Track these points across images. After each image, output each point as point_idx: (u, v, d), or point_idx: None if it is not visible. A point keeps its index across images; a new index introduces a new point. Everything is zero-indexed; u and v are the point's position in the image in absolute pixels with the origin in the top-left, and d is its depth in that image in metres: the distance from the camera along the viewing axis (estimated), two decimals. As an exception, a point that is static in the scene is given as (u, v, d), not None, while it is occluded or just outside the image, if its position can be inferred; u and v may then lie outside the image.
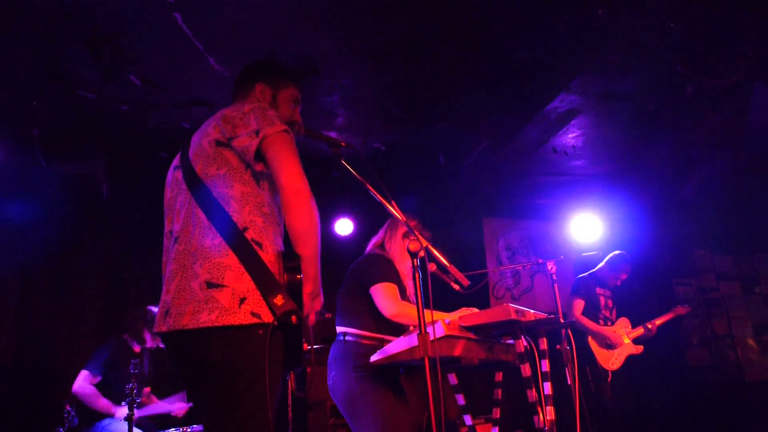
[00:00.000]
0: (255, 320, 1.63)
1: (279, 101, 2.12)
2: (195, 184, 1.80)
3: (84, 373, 3.99)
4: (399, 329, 2.84)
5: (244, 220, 1.73)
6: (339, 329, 2.92)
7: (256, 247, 1.70)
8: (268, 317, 1.64)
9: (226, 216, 1.72)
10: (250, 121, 1.81)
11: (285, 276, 1.69)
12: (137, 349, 4.24)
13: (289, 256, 1.73)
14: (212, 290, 1.64)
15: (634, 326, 5.02)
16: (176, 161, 1.98)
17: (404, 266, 3.03)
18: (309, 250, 1.74)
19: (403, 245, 3.06)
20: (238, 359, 1.61)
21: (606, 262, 5.08)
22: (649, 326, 5.00)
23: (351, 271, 3.03)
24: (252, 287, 1.66)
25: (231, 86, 2.20)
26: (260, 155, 1.79)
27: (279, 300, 1.64)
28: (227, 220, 1.71)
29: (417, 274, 2.07)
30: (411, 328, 3.03)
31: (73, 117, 4.50)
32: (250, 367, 1.61)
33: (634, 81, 4.39)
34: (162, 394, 4.40)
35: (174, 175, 1.95)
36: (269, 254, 1.73)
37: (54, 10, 3.35)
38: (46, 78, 3.98)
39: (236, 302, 1.63)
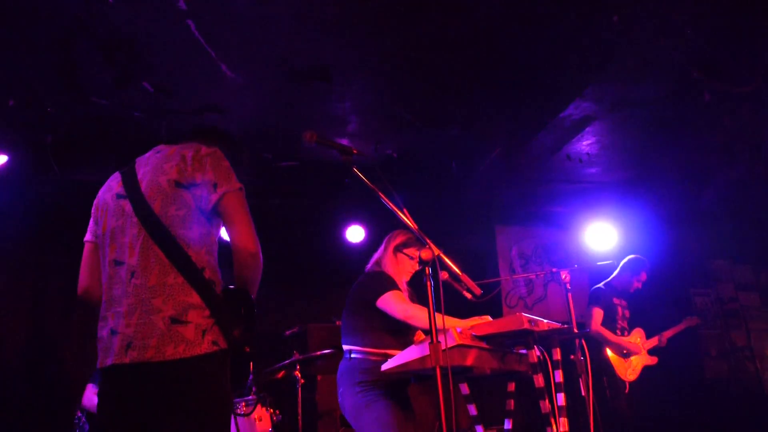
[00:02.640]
0: (215, 348, 1.81)
1: None
2: (153, 223, 1.87)
3: (89, 386, 4.00)
4: (404, 344, 2.84)
5: (202, 261, 1.87)
6: (345, 347, 2.96)
7: (212, 286, 1.86)
8: (224, 344, 1.83)
9: (187, 257, 1.84)
10: (206, 168, 1.92)
11: (243, 310, 1.88)
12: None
13: (245, 295, 1.90)
14: (177, 326, 1.77)
15: (648, 337, 4.99)
16: (118, 188, 1.99)
17: (399, 281, 3.05)
18: (255, 293, 1.95)
19: (395, 261, 3.10)
20: (201, 383, 1.78)
21: (621, 268, 5.00)
22: (660, 339, 4.98)
23: (354, 291, 3.07)
24: (212, 322, 1.82)
25: (243, 93, 2.20)
26: (216, 208, 1.92)
27: (237, 333, 1.84)
28: (188, 260, 1.84)
29: (429, 283, 2.05)
30: (417, 338, 3.01)
31: (87, 124, 4.54)
32: (210, 388, 1.79)
33: (650, 88, 4.32)
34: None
35: (119, 204, 1.95)
36: (220, 291, 1.89)
37: (68, 18, 3.38)
38: (60, 85, 4.01)
39: (200, 334, 1.79)
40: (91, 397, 3.97)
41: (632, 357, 4.77)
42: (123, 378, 1.80)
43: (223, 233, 2.00)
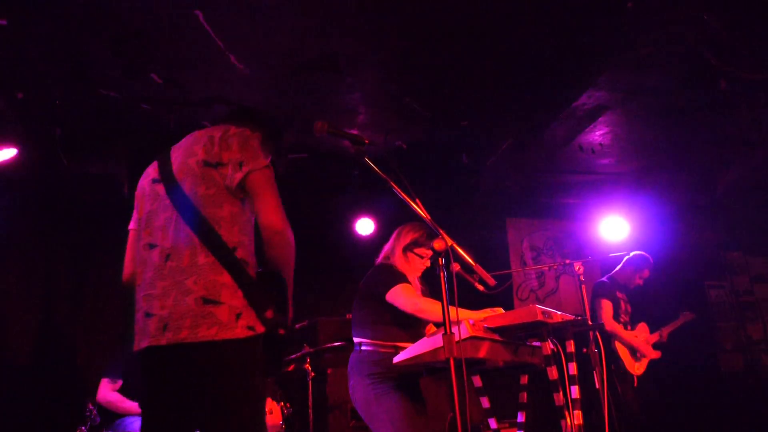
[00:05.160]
0: (250, 333, 1.78)
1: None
2: (183, 204, 1.88)
3: (104, 381, 3.99)
4: (415, 337, 2.83)
5: (233, 241, 1.85)
6: (356, 339, 2.96)
7: (245, 266, 1.84)
8: (260, 329, 1.81)
9: (217, 236, 1.83)
10: (233, 148, 1.91)
11: (275, 292, 1.84)
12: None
13: (277, 277, 1.85)
14: (209, 306, 1.76)
15: (651, 332, 4.98)
16: (154, 174, 2.03)
17: (409, 277, 3.02)
18: (289, 275, 1.88)
19: (404, 260, 3.08)
20: (235, 370, 1.76)
21: (624, 264, 4.99)
22: (661, 334, 4.98)
23: (364, 284, 3.06)
24: (245, 303, 1.80)
25: (251, 84, 2.19)
26: (242, 187, 1.89)
27: (270, 314, 1.81)
28: (219, 240, 1.82)
29: (442, 273, 2.01)
30: (428, 331, 2.99)
31: (95, 116, 4.53)
32: (244, 376, 1.77)
33: (665, 76, 4.25)
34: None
35: (154, 189, 1.99)
36: (254, 273, 1.87)
37: (77, 9, 3.36)
38: (68, 77, 3.99)
39: (233, 317, 1.77)
40: (105, 393, 3.96)
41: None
42: (159, 360, 1.80)
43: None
